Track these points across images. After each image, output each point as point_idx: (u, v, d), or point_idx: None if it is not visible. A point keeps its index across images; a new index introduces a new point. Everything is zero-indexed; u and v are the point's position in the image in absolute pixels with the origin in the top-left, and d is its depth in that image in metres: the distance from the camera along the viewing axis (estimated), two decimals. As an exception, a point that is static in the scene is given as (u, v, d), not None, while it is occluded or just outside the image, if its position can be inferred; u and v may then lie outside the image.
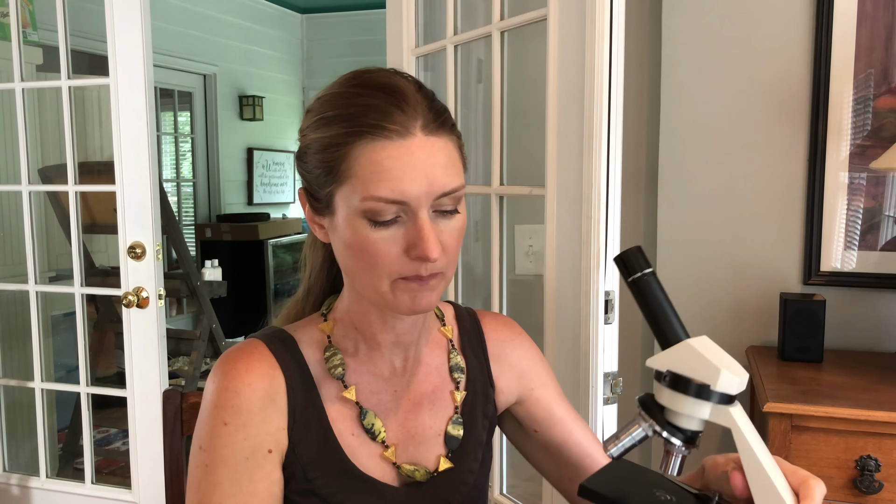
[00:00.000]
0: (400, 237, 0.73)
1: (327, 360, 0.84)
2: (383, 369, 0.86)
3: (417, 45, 1.95)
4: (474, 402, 0.91)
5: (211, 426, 0.79)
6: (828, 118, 1.81)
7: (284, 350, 0.83)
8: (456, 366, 0.91)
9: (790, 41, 1.85)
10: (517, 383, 0.95)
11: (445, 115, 0.77)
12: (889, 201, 1.80)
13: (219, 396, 0.80)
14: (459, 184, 0.75)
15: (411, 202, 0.72)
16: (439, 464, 0.86)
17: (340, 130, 0.74)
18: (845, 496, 1.44)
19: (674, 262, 1.99)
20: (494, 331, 0.97)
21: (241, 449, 0.79)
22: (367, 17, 6.22)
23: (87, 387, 2.33)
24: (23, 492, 2.42)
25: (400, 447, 0.85)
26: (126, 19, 2.07)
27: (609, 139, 1.34)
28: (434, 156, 0.73)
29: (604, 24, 1.32)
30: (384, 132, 0.72)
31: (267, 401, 0.80)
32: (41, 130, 2.81)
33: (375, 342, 0.85)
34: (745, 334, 1.94)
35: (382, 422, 0.84)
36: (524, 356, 0.97)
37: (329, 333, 0.86)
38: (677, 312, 0.68)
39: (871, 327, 1.85)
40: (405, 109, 0.73)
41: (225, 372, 0.81)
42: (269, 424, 0.80)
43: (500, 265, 1.73)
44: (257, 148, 5.92)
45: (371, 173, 0.72)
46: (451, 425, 0.88)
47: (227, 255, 5.03)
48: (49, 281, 2.73)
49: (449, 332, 0.93)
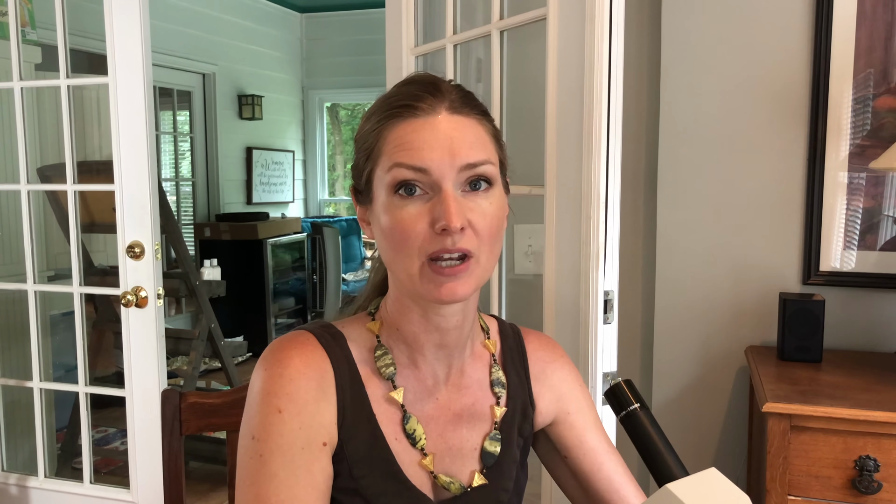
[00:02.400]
0: (426, 212, 0.74)
1: (378, 358, 0.84)
2: (427, 376, 0.85)
3: (417, 44, 1.95)
4: (513, 419, 0.90)
5: (264, 414, 0.77)
6: (827, 118, 1.81)
7: (335, 345, 0.83)
8: (497, 380, 0.90)
9: (790, 41, 1.85)
10: (555, 405, 0.94)
11: (475, 101, 0.80)
12: (888, 201, 1.80)
13: (272, 383, 0.78)
14: (485, 158, 0.76)
15: (433, 171, 0.74)
16: (473, 479, 0.85)
17: (377, 118, 0.79)
18: (844, 496, 1.44)
19: (674, 262, 1.99)
20: (537, 350, 0.95)
21: (298, 438, 0.77)
22: (367, 17, 6.22)
23: (86, 386, 2.33)
24: (21, 491, 2.42)
25: (437, 457, 0.84)
26: (125, 18, 2.07)
27: (609, 139, 1.34)
28: (459, 130, 0.76)
29: (604, 24, 1.32)
30: (412, 111, 0.76)
31: (319, 392, 0.79)
32: (40, 130, 2.81)
33: (418, 344, 0.84)
34: (745, 334, 1.94)
35: (423, 429, 0.84)
36: (564, 378, 0.95)
37: (377, 333, 0.86)
38: (672, 446, 0.66)
39: (871, 327, 1.85)
40: (434, 94, 0.77)
41: (278, 359, 0.79)
42: (323, 417, 0.79)
43: (499, 265, 1.73)
44: (256, 147, 5.91)
45: (397, 146, 0.76)
46: (488, 441, 0.87)
47: (226, 255, 5.03)
48: (48, 280, 2.73)
49: (492, 347, 0.92)
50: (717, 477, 0.63)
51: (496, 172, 0.78)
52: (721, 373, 1.97)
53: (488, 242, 0.76)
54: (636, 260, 2.09)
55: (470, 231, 0.75)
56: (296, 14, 6.45)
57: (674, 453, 0.67)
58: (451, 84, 0.80)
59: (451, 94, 0.78)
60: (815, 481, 1.46)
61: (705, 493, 0.61)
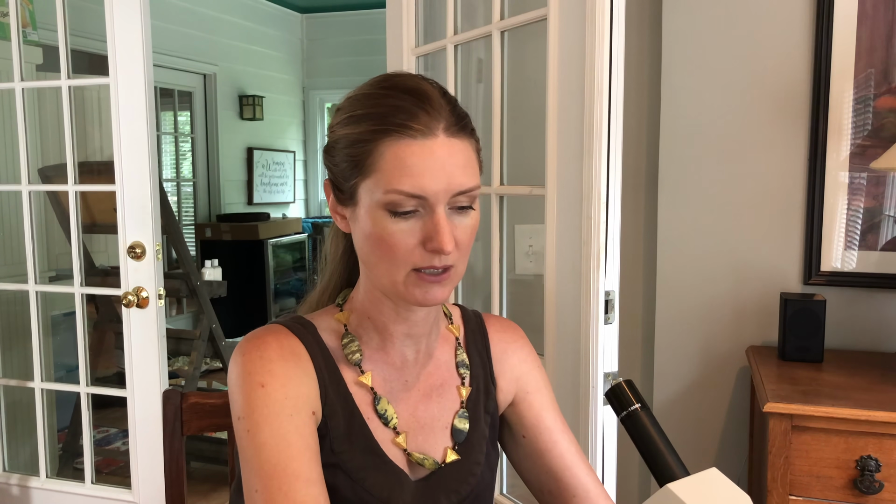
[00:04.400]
0: (417, 230, 0.77)
1: (345, 346, 0.87)
2: (395, 359, 0.89)
3: (417, 44, 1.95)
4: (477, 398, 0.94)
5: (246, 392, 0.78)
6: (828, 118, 1.81)
7: (307, 332, 0.86)
8: (462, 362, 0.94)
9: (790, 41, 1.85)
10: (514, 384, 0.98)
11: (466, 120, 0.82)
12: (889, 201, 1.80)
13: (252, 364, 0.79)
14: (475, 184, 0.80)
15: (430, 197, 0.76)
16: (446, 455, 0.89)
17: (368, 128, 0.78)
18: (845, 496, 1.44)
19: (674, 262, 1.99)
20: (498, 332, 1.00)
21: (284, 406, 0.78)
22: (367, 17, 6.22)
23: (87, 387, 2.33)
24: (23, 492, 2.42)
25: (410, 435, 0.88)
26: (126, 19, 2.07)
27: (609, 139, 1.34)
28: (454, 156, 0.78)
29: (604, 24, 1.32)
30: (409, 131, 0.76)
31: (299, 370, 0.81)
32: (41, 130, 2.81)
33: (388, 333, 0.87)
34: (746, 334, 1.94)
35: (394, 409, 0.87)
36: (523, 360, 1.00)
37: (345, 322, 0.89)
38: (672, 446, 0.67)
39: (872, 327, 1.84)
40: (430, 112, 0.78)
41: (255, 345, 0.81)
42: (308, 389, 0.81)
43: (500, 265, 1.73)
44: (257, 147, 5.92)
45: (395, 168, 0.76)
46: (457, 419, 0.91)
47: (226, 255, 5.03)
48: (49, 281, 2.73)
49: (456, 331, 0.97)
50: (717, 477, 0.63)
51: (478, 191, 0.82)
52: (722, 373, 1.97)
53: (465, 252, 0.81)
54: (637, 260, 2.09)
55: (455, 248, 0.78)
56: (296, 14, 6.45)
57: (675, 453, 0.67)
58: (442, 96, 0.81)
59: (445, 111, 0.79)
60: (817, 481, 1.46)
61: (706, 493, 0.61)
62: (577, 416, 1.43)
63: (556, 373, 1.52)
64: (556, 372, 1.52)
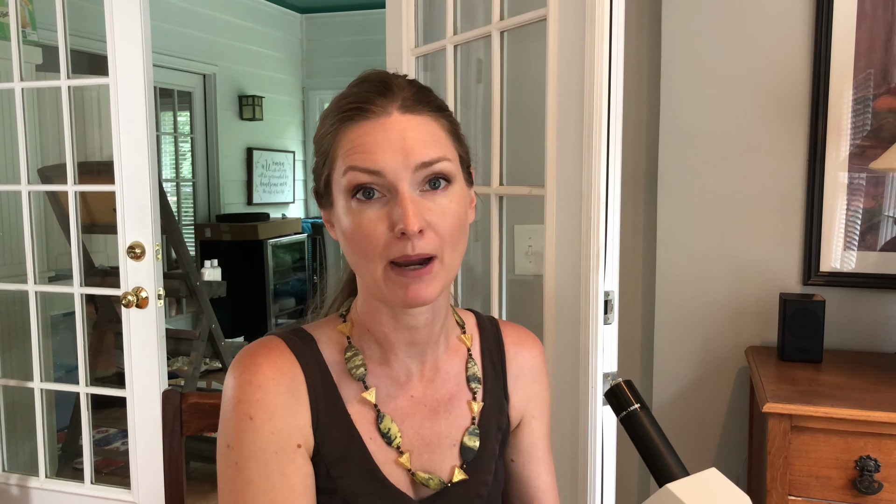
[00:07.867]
0: (384, 215, 0.74)
1: (348, 360, 0.84)
2: (399, 373, 0.85)
3: (417, 45, 1.95)
4: (490, 414, 0.90)
5: (236, 422, 0.78)
6: (827, 118, 1.81)
7: (304, 348, 0.83)
8: (473, 375, 0.90)
9: (790, 41, 1.85)
10: (525, 405, 0.95)
11: (429, 97, 0.79)
12: (889, 201, 1.80)
13: (241, 391, 0.79)
14: (440, 154, 0.76)
15: (387, 172, 0.73)
16: (453, 474, 0.85)
17: (331, 122, 0.79)
18: (845, 496, 1.44)
19: (673, 262, 1.99)
20: (514, 344, 0.96)
21: (270, 443, 0.78)
22: (367, 17, 6.22)
23: (87, 387, 2.33)
24: (22, 492, 2.42)
25: (415, 454, 0.84)
26: (126, 19, 2.07)
27: (609, 139, 1.34)
28: (412, 129, 0.75)
29: (604, 24, 1.32)
30: (364, 114, 0.76)
31: (290, 397, 0.80)
32: (41, 130, 2.81)
33: (389, 343, 0.84)
34: (745, 334, 1.94)
35: (398, 427, 0.84)
36: (536, 378, 0.96)
37: (348, 334, 0.86)
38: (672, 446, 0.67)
39: (871, 327, 1.85)
40: (385, 94, 0.76)
41: (246, 366, 0.80)
42: (296, 419, 0.80)
43: (499, 265, 1.73)
44: (257, 148, 5.92)
45: (349, 150, 0.75)
46: (467, 436, 0.87)
47: (226, 255, 5.03)
48: (48, 281, 2.73)
49: (468, 341, 0.92)
50: (717, 477, 0.63)
51: (454, 168, 0.78)
52: (721, 373, 1.97)
53: (450, 242, 0.76)
54: (636, 260, 2.09)
55: (430, 233, 0.74)
56: (296, 14, 6.45)
57: (674, 453, 0.67)
58: (405, 80, 0.80)
59: (404, 92, 0.77)
60: (816, 481, 1.46)
61: (705, 493, 0.61)
62: (577, 417, 1.43)
63: (555, 373, 1.52)
64: (555, 372, 1.52)
